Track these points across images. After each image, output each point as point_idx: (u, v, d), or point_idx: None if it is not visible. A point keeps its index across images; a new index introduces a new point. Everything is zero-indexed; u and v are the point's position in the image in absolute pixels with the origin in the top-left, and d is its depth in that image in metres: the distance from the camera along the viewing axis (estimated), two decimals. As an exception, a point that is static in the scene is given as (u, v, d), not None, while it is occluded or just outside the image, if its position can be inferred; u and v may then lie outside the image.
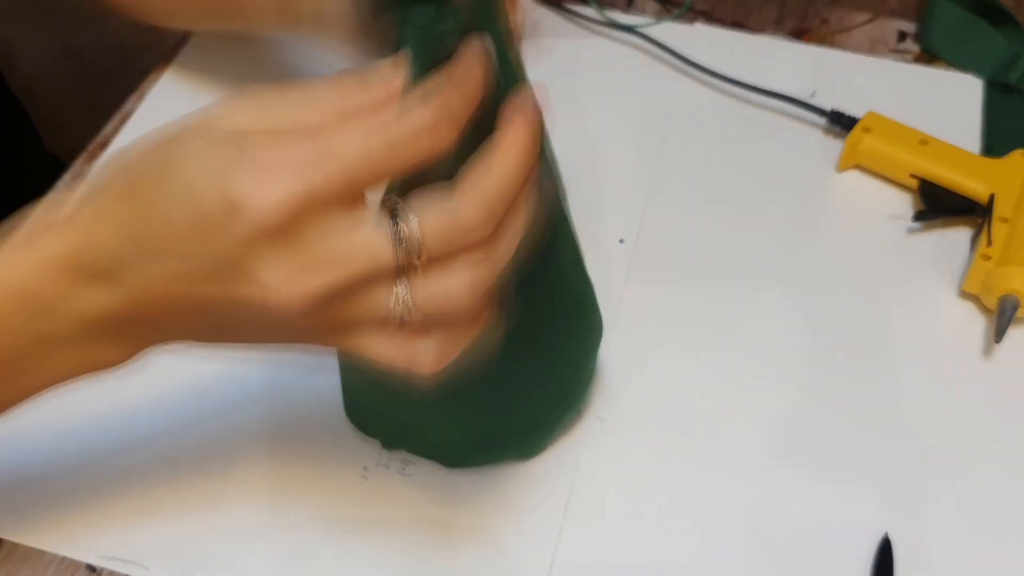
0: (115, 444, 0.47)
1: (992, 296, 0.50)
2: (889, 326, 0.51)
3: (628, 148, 0.60)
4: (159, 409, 0.48)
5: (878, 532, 0.43)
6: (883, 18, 0.68)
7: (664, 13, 0.68)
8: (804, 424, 0.47)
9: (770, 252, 0.54)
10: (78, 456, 0.46)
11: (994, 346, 0.50)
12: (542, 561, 0.43)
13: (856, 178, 0.58)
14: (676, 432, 0.47)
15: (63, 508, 0.44)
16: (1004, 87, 0.63)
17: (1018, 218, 0.52)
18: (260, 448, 0.47)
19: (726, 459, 0.46)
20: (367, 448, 0.47)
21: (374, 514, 0.44)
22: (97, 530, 0.44)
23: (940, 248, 0.54)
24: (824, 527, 0.44)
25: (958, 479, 0.45)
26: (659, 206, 0.57)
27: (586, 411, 0.48)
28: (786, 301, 0.52)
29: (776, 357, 0.50)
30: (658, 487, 0.45)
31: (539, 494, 0.45)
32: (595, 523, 0.44)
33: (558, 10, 0.68)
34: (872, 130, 0.57)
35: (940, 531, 0.44)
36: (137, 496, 0.45)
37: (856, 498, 0.45)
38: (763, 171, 0.58)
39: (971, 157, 0.56)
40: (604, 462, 0.46)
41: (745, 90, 0.62)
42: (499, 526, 0.44)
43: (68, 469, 0.46)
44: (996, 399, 0.48)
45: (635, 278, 0.53)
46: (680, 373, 0.49)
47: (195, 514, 0.44)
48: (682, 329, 0.51)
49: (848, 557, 0.43)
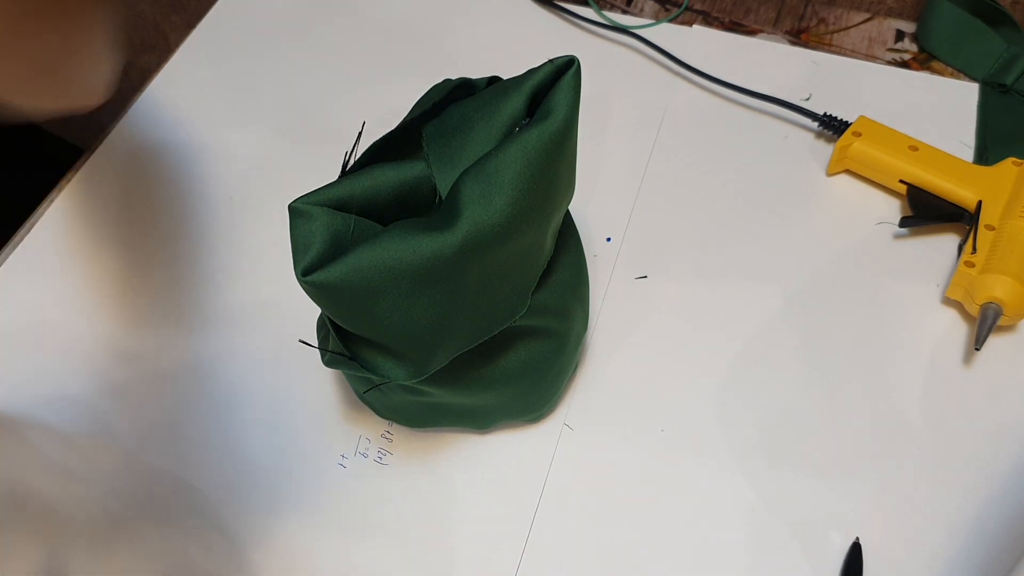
0: (104, 430, 0.48)
1: (975, 303, 0.50)
2: (872, 331, 0.52)
3: (619, 148, 0.61)
4: (152, 399, 0.50)
5: (850, 535, 0.45)
6: (881, 18, 0.68)
7: (663, 13, 0.69)
8: (784, 426, 0.48)
9: (756, 255, 0.55)
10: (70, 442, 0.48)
11: (974, 353, 0.51)
12: (515, 548, 0.44)
13: (845, 182, 0.58)
14: (655, 429, 0.48)
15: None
16: (1001, 88, 0.63)
17: (1004, 226, 0.52)
18: (239, 441, 0.48)
19: (705, 458, 0.47)
20: (345, 437, 0.48)
21: (352, 502, 0.46)
22: (97, 524, 0.46)
23: (927, 254, 0.55)
24: (797, 527, 0.45)
25: (935, 484, 0.46)
26: (647, 206, 0.57)
27: (574, 384, 0.49)
28: (771, 303, 0.53)
29: (759, 359, 0.51)
30: (634, 482, 0.47)
31: (515, 483, 0.47)
32: (566, 515, 0.46)
33: (557, 11, 0.69)
34: (863, 135, 0.57)
35: (912, 536, 0.45)
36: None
37: (830, 500, 0.46)
38: (753, 174, 0.59)
39: (961, 164, 0.56)
40: (580, 455, 0.48)
41: (739, 93, 0.62)
42: (474, 514, 0.46)
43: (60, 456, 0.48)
44: (974, 406, 0.49)
45: (620, 276, 0.54)
46: (662, 371, 0.50)
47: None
48: (664, 327, 0.52)
49: (818, 559, 0.44)
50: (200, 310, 0.54)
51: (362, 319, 0.35)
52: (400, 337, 0.36)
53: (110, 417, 0.49)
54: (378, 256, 0.34)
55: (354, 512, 0.46)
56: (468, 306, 0.36)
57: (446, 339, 0.37)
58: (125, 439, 0.49)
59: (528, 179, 0.34)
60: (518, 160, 0.34)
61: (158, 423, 0.49)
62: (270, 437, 0.49)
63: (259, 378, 0.51)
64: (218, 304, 0.54)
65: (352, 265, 0.34)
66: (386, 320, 0.35)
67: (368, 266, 0.34)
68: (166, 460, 0.48)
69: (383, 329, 0.35)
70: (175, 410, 0.49)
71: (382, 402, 0.48)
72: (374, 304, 0.34)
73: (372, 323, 0.35)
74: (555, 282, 0.41)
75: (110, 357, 0.52)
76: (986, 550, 0.44)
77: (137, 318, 0.53)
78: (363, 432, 0.49)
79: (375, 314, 0.35)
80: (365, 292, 0.34)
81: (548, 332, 0.43)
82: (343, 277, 0.34)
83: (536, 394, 0.46)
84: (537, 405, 0.47)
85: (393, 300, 0.34)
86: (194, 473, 0.48)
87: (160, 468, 0.48)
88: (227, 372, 0.51)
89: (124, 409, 0.50)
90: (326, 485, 0.47)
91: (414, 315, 0.35)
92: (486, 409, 0.46)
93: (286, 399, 0.50)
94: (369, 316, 0.35)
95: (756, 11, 0.69)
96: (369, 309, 0.35)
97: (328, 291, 0.34)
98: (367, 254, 0.34)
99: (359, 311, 0.35)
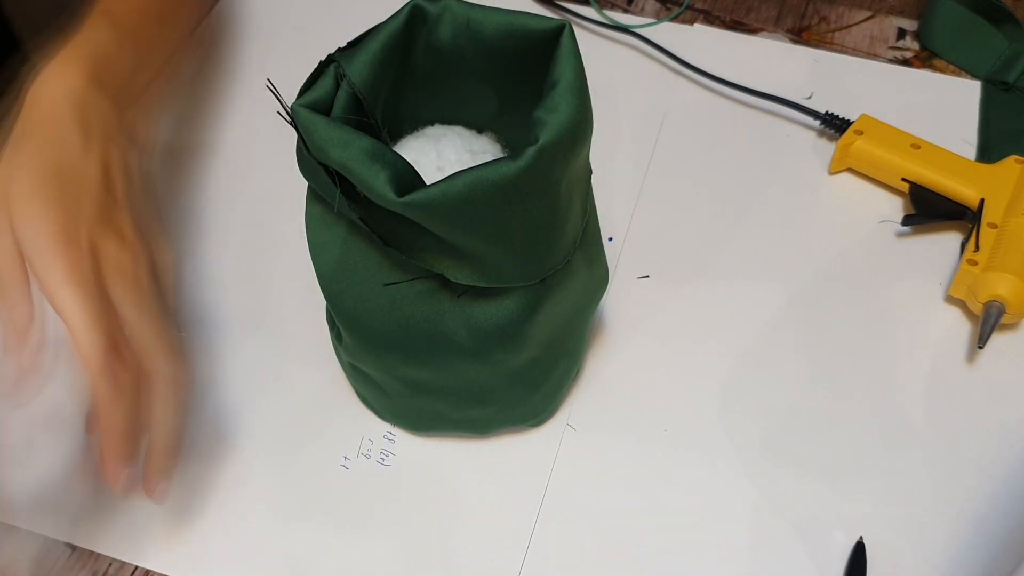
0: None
1: (977, 301, 0.50)
2: (875, 330, 0.52)
3: (621, 147, 0.60)
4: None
5: (854, 534, 0.44)
6: (882, 16, 0.68)
7: (664, 12, 0.69)
8: (787, 425, 0.48)
9: (758, 254, 0.55)
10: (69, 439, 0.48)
11: (978, 351, 0.50)
12: (518, 549, 0.44)
13: (848, 181, 0.58)
14: (658, 429, 0.48)
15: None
16: (1003, 86, 0.63)
17: (1006, 224, 0.52)
18: (240, 441, 0.48)
19: (708, 458, 0.47)
20: (347, 438, 0.48)
21: (354, 502, 0.46)
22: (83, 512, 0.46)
23: (929, 253, 0.55)
24: (801, 527, 0.45)
25: (938, 483, 0.46)
26: (649, 206, 0.57)
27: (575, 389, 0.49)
28: (773, 302, 0.53)
29: (762, 358, 0.51)
30: (637, 482, 0.47)
31: (518, 484, 0.47)
32: (569, 515, 0.46)
33: (558, 10, 0.69)
34: (865, 133, 0.57)
35: (916, 535, 0.45)
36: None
37: (833, 499, 0.46)
38: (755, 172, 0.59)
39: (963, 162, 0.56)
40: (583, 455, 0.48)
41: (740, 92, 0.62)
42: (477, 514, 0.46)
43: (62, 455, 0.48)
44: (977, 405, 0.49)
45: (622, 276, 0.54)
46: (665, 370, 0.50)
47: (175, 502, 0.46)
48: (667, 327, 0.52)
49: (822, 558, 0.44)
50: (201, 310, 0.54)
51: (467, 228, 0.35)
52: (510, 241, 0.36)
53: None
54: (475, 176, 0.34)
55: (356, 513, 0.46)
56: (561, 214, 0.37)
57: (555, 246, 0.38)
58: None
59: (580, 84, 0.36)
60: (569, 68, 0.35)
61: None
62: (272, 437, 0.49)
63: (261, 378, 0.51)
64: (219, 304, 0.54)
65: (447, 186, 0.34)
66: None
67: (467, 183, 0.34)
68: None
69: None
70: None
71: (384, 405, 0.48)
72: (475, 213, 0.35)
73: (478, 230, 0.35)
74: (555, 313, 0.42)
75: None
76: (990, 549, 0.44)
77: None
78: (365, 433, 0.49)
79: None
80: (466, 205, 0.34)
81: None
82: (441, 193, 0.34)
83: (535, 401, 0.46)
84: (537, 410, 0.47)
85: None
86: (195, 473, 0.48)
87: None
88: (228, 372, 0.51)
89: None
90: (329, 486, 0.47)
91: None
92: (487, 417, 0.46)
93: (289, 399, 0.50)
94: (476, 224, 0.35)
95: (757, 9, 0.69)
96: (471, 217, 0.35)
97: (429, 209, 0.34)
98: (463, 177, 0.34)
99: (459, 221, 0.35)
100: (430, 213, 0.34)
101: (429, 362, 0.41)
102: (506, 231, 0.36)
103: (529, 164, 0.34)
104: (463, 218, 0.34)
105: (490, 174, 0.34)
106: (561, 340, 0.44)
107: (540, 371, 0.44)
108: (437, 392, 0.44)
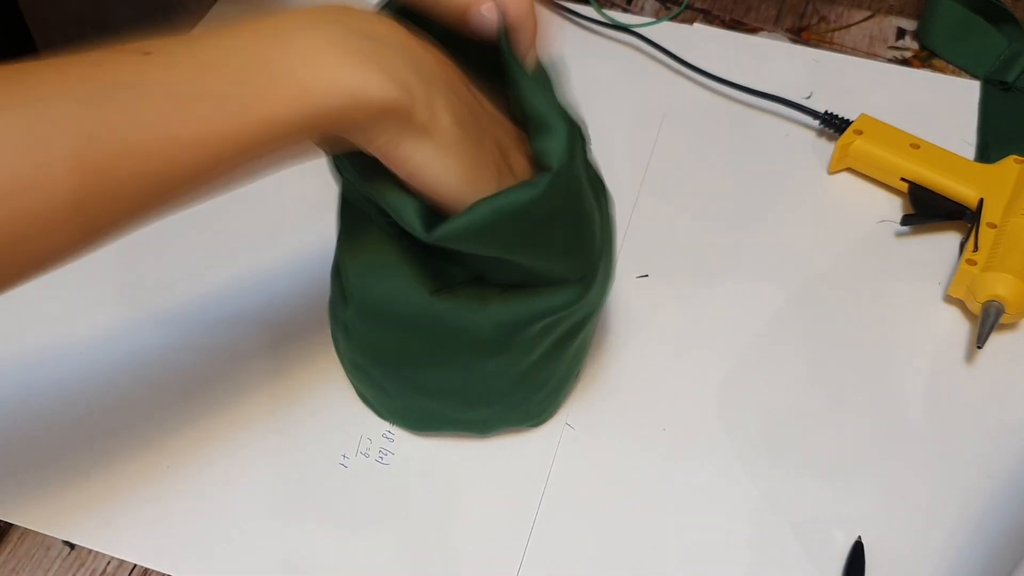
0: (107, 430, 0.48)
1: (976, 301, 0.50)
2: (874, 330, 0.52)
3: (621, 147, 0.61)
4: (153, 400, 0.50)
5: (852, 534, 0.45)
6: (882, 15, 0.68)
7: (663, 12, 0.69)
8: (786, 425, 0.48)
9: (757, 253, 0.55)
10: (68, 438, 0.48)
11: (977, 351, 0.51)
12: (517, 548, 0.45)
13: (847, 180, 0.58)
14: (657, 428, 0.48)
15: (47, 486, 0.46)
16: (1002, 86, 0.63)
17: (1006, 224, 0.52)
18: (240, 440, 0.48)
19: (707, 457, 0.47)
20: (346, 437, 0.48)
21: (353, 502, 0.46)
22: (82, 511, 0.46)
23: (928, 252, 0.55)
24: (799, 526, 0.45)
25: (937, 483, 0.46)
26: (648, 205, 0.57)
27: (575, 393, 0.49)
28: (772, 302, 0.53)
29: (760, 358, 0.51)
30: (636, 481, 0.47)
31: (517, 483, 0.47)
32: (568, 515, 0.46)
33: (558, 9, 0.69)
34: (864, 133, 0.57)
35: (915, 535, 0.45)
36: (119, 479, 0.47)
37: (832, 499, 0.46)
38: (754, 172, 0.59)
39: (962, 162, 0.56)
40: (581, 454, 0.48)
41: (739, 91, 0.62)
42: (475, 513, 0.46)
43: (58, 449, 0.48)
44: (976, 404, 0.49)
45: (622, 275, 0.54)
46: (664, 370, 0.50)
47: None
48: (666, 326, 0.52)
49: (821, 558, 0.44)
50: (201, 310, 0.54)
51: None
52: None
53: (107, 416, 0.49)
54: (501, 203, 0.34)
55: (355, 512, 0.46)
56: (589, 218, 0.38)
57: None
58: (123, 438, 0.49)
59: (552, 92, 0.37)
60: (536, 86, 0.36)
61: (159, 422, 0.49)
62: (271, 436, 0.49)
63: (260, 377, 0.51)
64: (219, 303, 0.54)
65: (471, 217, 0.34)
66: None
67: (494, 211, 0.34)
68: (167, 459, 0.48)
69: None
70: (176, 409, 0.49)
71: (385, 404, 0.48)
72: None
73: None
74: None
75: (107, 356, 0.52)
76: (989, 548, 0.44)
77: (135, 318, 0.53)
78: (364, 432, 0.49)
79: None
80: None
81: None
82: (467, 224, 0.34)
83: (537, 401, 0.46)
84: (538, 411, 0.47)
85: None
86: (195, 472, 0.48)
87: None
88: (227, 370, 0.51)
89: (124, 409, 0.50)
90: (327, 485, 0.47)
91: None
92: (488, 417, 0.46)
93: (287, 398, 0.50)
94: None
95: (757, 9, 0.69)
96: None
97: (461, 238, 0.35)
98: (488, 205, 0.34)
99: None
100: (460, 244, 0.35)
101: (444, 361, 0.42)
102: (542, 244, 0.36)
103: (546, 190, 0.34)
104: (496, 243, 0.35)
105: (509, 203, 0.34)
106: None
107: (546, 371, 0.44)
108: (441, 392, 0.44)
